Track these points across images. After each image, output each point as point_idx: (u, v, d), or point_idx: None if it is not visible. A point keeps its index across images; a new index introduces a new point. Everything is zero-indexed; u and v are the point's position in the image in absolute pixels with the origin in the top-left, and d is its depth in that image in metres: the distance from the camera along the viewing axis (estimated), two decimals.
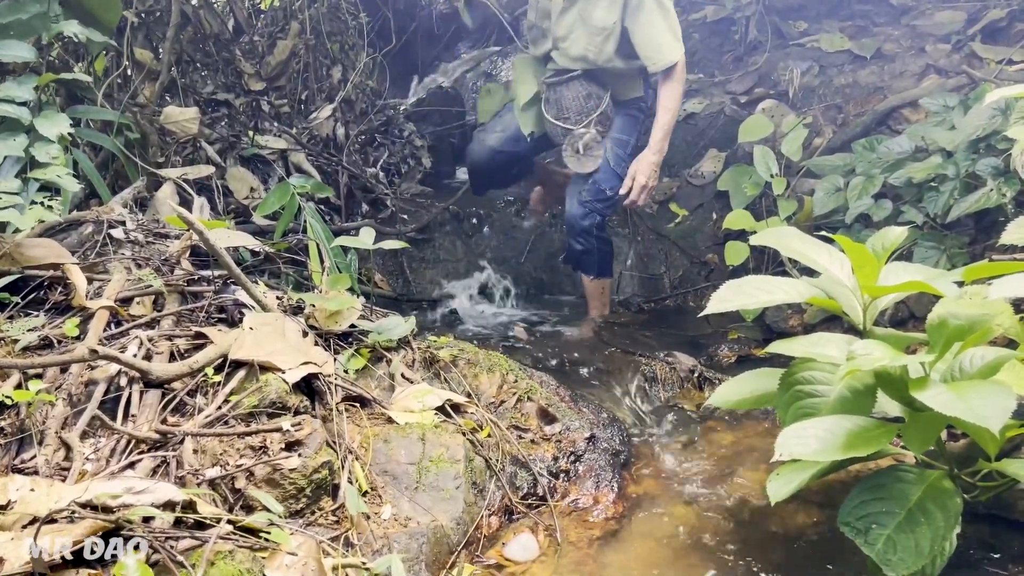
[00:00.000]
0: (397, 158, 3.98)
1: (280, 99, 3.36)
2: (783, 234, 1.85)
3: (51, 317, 1.93)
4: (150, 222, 2.41)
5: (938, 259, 2.42)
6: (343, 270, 2.61)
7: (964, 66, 3.27)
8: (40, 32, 2.09)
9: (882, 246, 1.69)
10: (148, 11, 2.87)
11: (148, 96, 2.72)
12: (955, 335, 1.54)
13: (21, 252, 2.02)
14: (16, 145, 1.99)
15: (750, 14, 4.02)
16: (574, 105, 2.97)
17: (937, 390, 1.38)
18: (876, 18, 3.99)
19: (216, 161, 2.86)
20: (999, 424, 1.25)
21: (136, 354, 1.79)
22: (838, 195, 2.84)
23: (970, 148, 2.43)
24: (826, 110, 3.55)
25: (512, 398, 2.13)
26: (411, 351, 2.18)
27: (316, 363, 1.91)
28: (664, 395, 2.54)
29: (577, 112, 2.98)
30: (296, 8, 3.53)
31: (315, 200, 3.02)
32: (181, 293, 2.12)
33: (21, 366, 1.65)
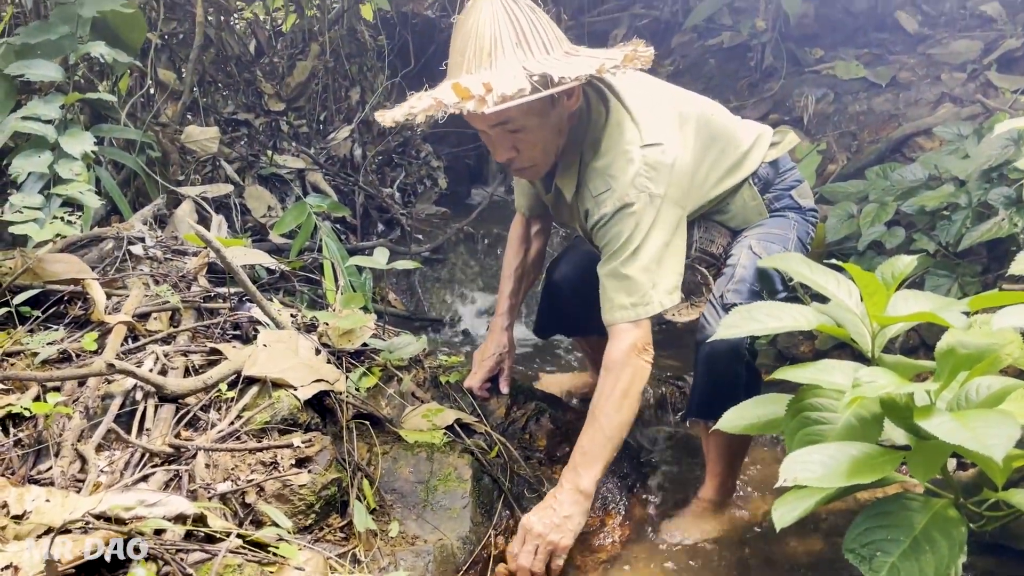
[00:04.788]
0: (414, 178, 4.03)
1: (299, 119, 3.41)
2: (790, 260, 1.86)
3: (70, 331, 1.97)
4: (169, 239, 2.46)
5: (950, 287, 2.42)
6: (357, 289, 2.64)
7: (979, 95, 3.28)
8: (67, 52, 2.15)
9: (892, 275, 1.70)
10: (172, 33, 2.94)
11: (170, 115, 2.78)
12: (962, 364, 1.54)
13: (43, 267, 2.07)
14: (41, 162, 2.04)
15: (766, 41, 4.04)
16: None
17: (942, 418, 1.38)
18: (892, 46, 4.01)
19: (235, 180, 2.91)
20: (1002, 453, 1.25)
21: (152, 369, 1.83)
22: (851, 222, 2.84)
23: (982, 177, 2.44)
24: (840, 137, 3.57)
25: (521, 418, 2.14)
26: (422, 370, 2.21)
27: (328, 381, 1.93)
28: (673, 418, 2.54)
29: None
30: (316, 30, 3.60)
31: (331, 219, 3.06)
32: (197, 309, 2.16)
33: (40, 379, 1.69)
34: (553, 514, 1.75)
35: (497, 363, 2.23)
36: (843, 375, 1.59)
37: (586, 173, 1.87)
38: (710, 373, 1.94)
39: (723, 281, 1.99)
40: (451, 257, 3.54)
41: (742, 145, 2.07)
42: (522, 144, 1.80)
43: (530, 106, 1.70)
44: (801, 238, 2.10)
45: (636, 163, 1.80)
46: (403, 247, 3.42)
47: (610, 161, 1.82)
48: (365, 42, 3.70)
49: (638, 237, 1.80)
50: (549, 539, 1.73)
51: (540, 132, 1.79)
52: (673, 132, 1.89)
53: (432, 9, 4.97)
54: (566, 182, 1.92)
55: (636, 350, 1.83)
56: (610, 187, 1.81)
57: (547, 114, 1.78)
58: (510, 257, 2.37)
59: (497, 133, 1.78)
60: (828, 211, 3.01)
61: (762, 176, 2.09)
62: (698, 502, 2.09)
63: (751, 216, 2.10)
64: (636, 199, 1.79)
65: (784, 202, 2.11)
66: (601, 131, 1.85)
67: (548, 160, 1.87)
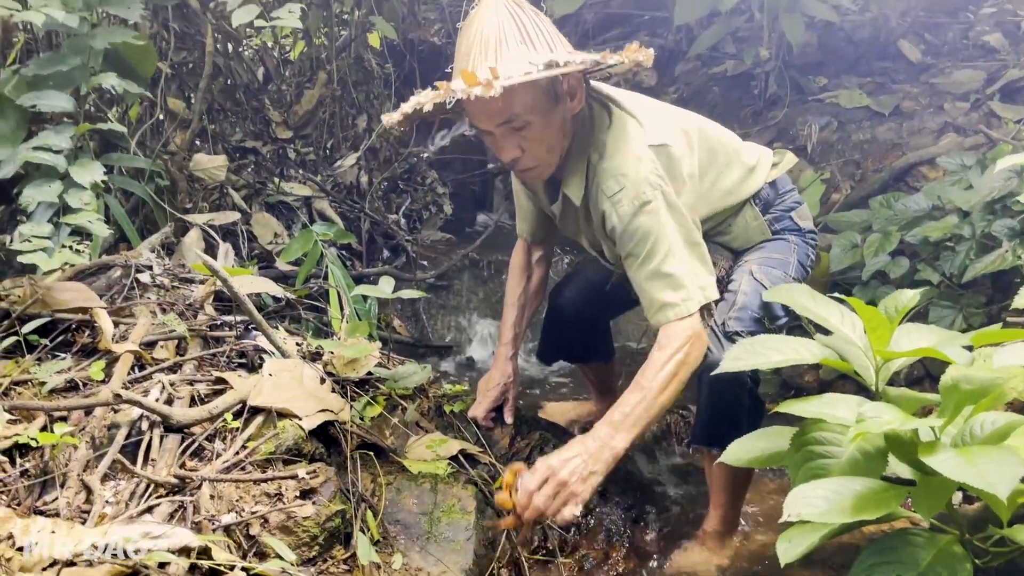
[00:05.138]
0: (419, 205, 4.05)
1: (306, 147, 3.44)
2: (794, 292, 1.87)
3: (78, 359, 1.99)
4: (176, 267, 2.48)
5: (954, 319, 2.42)
6: (362, 317, 2.65)
7: (982, 126, 3.30)
8: (79, 83, 2.18)
9: (895, 309, 1.70)
10: (182, 62, 2.97)
11: (179, 144, 2.81)
12: (966, 399, 1.54)
13: (52, 295, 2.08)
14: (51, 191, 2.06)
15: (769, 69, 4.07)
16: None
17: (946, 455, 1.38)
18: (895, 75, 4.03)
19: (242, 207, 2.93)
20: (1007, 491, 1.25)
21: (158, 398, 1.84)
22: (855, 251, 2.85)
23: (986, 209, 2.45)
24: (844, 165, 3.59)
25: (525, 448, 2.14)
26: (426, 399, 2.21)
27: (332, 410, 1.94)
28: (678, 448, 2.54)
29: None
30: (324, 58, 3.64)
31: (337, 246, 3.08)
32: (203, 338, 2.17)
33: (47, 408, 1.70)
34: (582, 465, 1.70)
35: (501, 393, 2.23)
36: (847, 409, 1.60)
37: (595, 175, 1.87)
38: (713, 401, 1.94)
39: (724, 308, 1.98)
40: (456, 284, 3.55)
41: (745, 163, 2.08)
42: (527, 143, 1.80)
43: (535, 102, 1.74)
44: (801, 261, 2.11)
45: (646, 161, 1.82)
46: (408, 273, 3.44)
47: (620, 162, 1.83)
48: (372, 70, 3.74)
49: (667, 233, 1.80)
50: (572, 488, 1.68)
51: (545, 130, 1.80)
52: (678, 137, 1.92)
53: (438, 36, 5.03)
54: (574, 187, 1.92)
55: (695, 335, 1.81)
56: (623, 186, 1.81)
57: (551, 112, 1.79)
58: (512, 285, 2.38)
59: (502, 132, 1.79)
60: (832, 240, 3.02)
61: (763, 197, 2.10)
62: (703, 534, 2.07)
63: (753, 236, 2.10)
64: (652, 196, 1.80)
65: (784, 223, 2.12)
66: (606, 133, 1.87)
67: (553, 160, 1.87)
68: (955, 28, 4.16)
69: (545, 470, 1.69)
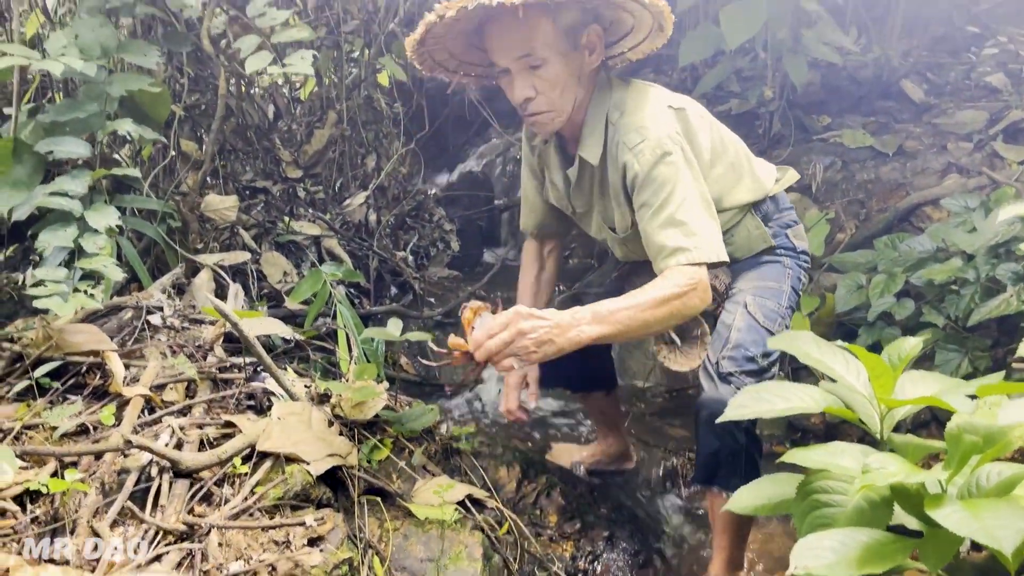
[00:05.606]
0: (426, 241, 4.08)
1: (316, 186, 3.49)
2: (799, 339, 1.88)
3: (88, 402, 2.01)
4: (187, 307, 2.50)
5: (960, 362, 2.43)
6: (370, 357, 2.67)
7: (985, 168, 3.32)
8: (95, 130, 2.22)
9: (899, 356, 1.72)
10: (194, 104, 3.02)
11: (191, 184, 2.85)
12: (972, 449, 1.55)
13: (64, 338, 2.11)
14: (66, 236, 2.09)
15: (773, 109, 4.11)
16: None
17: (952, 508, 1.39)
18: (898, 115, 4.07)
19: (252, 247, 2.96)
20: (1012, 546, 1.25)
21: (168, 443, 1.85)
22: (860, 292, 2.87)
23: (990, 253, 2.47)
24: (848, 205, 3.61)
25: (532, 493, 2.15)
26: (433, 443, 2.22)
27: (340, 454, 1.95)
28: (686, 491, 2.53)
29: None
30: (334, 97, 3.69)
31: (345, 284, 3.11)
32: (213, 380, 2.19)
33: (58, 454, 1.72)
34: (546, 330, 1.66)
35: (522, 379, 2.27)
36: (852, 459, 1.60)
37: (615, 132, 1.89)
38: (709, 440, 1.94)
39: (717, 345, 1.99)
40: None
41: (752, 168, 2.11)
42: (541, 83, 1.82)
43: (554, 40, 1.78)
44: (794, 287, 2.13)
45: (667, 118, 1.86)
46: (415, 311, 3.46)
47: (641, 117, 1.86)
48: (381, 110, 3.79)
49: (684, 185, 1.82)
50: (526, 344, 1.65)
51: (560, 72, 1.83)
52: (696, 108, 1.98)
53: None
54: (591, 147, 1.93)
55: (701, 284, 1.79)
56: (645, 138, 1.83)
57: (568, 57, 1.83)
58: (525, 276, 2.41)
59: (518, 68, 1.81)
60: (837, 280, 3.04)
61: (763, 209, 2.12)
62: None
63: (755, 244, 2.12)
64: (673, 150, 1.82)
65: (780, 240, 2.14)
66: (625, 92, 1.92)
67: (564, 108, 1.88)
68: (957, 68, 4.21)
69: (512, 317, 1.66)
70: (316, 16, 3.57)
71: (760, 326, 1.99)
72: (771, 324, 2.01)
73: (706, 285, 1.81)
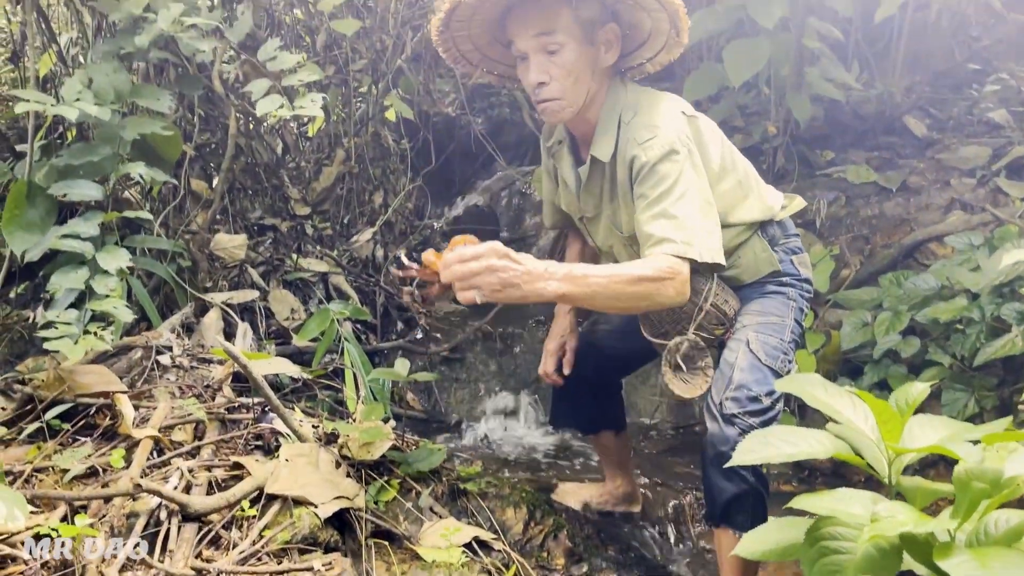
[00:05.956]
0: None
1: (324, 222, 3.52)
2: (806, 381, 1.88)
3: (98, 444, 2.02)
4: (195, 347, 2.52)
5: (967, 402, 2.43)
6: (377, 395, 2.68)
7: (988, 204, 3.34)
8: (109, 172, 2.26)
9: (905, 402, 1.72)
10: (204, 143, 3.06)
11: (200, 223, 2.88)
12: (980, 495, 1.55)
13: (74, 378, 2.13)
14: (78, 278, 2.12)
15: (777, 144, 4.14)
16: (665, 315, 2.06)
17: (960, 558, 1.39)
18: (901, 150, 4.10)
19: (260, 285, 2.99)
20: None
21: (177, 486, 1.86)
22: (865, 330, 2.87)
23: (994, 292, 2.48)
24: (853, 240, 3.63)
25: (539, 535, 2.14)
26: (440, 483, 2.22)
27: (348, 496, 1.96)
28: (694, 530, 2.52)
29: (673, 321, 2.07)
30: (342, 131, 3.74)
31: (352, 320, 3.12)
32: (221, 420, 2.20)
33: (68, 498, 1.73)
34: (516, 274, 1.64)
35: (560, 346, 2.32)
36: (861, 506, 1.60)
37: (626, 130, 1.93)
38: (716, 480, 1.94)
39: (720, 385, 1.98)
40: (469, 356, 3.57)
41: (759, 189, 2.13)
42: (556, 69, 1.88)
43: (573, 27, 1.85)
44: (798, 319, 2.12)
45: (679, 122, 1.90)
46: (421, 347, 3.47)
47: (653, 116, 1.90)
48: (388, 146, 3.83)
49: (685, 183, 1.83)
50: (492, 281, 1.62)
51: (575, 61, 1.88)
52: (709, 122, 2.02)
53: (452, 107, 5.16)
54: (603, 145, 1.96)
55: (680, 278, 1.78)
56: (655, 135, 1.86)
57: (584, 47, 1.88)
58: (571, 248, 2.48)
59: (535, 49, 1.87)
60: (843, 317, 3.04)
61: (769, 232, 2.13)
62: None
63: (762, 267, 2.11)
64: (681, 149, 1.85)
65: (785, 266, 2.14)
66: (639, 95, 1.97)
67: (576, 99, 1.93)
68: (960, 104, 4.24)
69: (487, 251, 1.63)
70: (325, 55, 3.62)
71: (763, 364, 1.98)
72: (773, 361, 1.99)
73: (685, 280, 1.79)
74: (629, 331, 2.25)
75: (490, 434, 3.25)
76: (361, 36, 3.58)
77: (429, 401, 3.40)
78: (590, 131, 2.00)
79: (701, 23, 3.71)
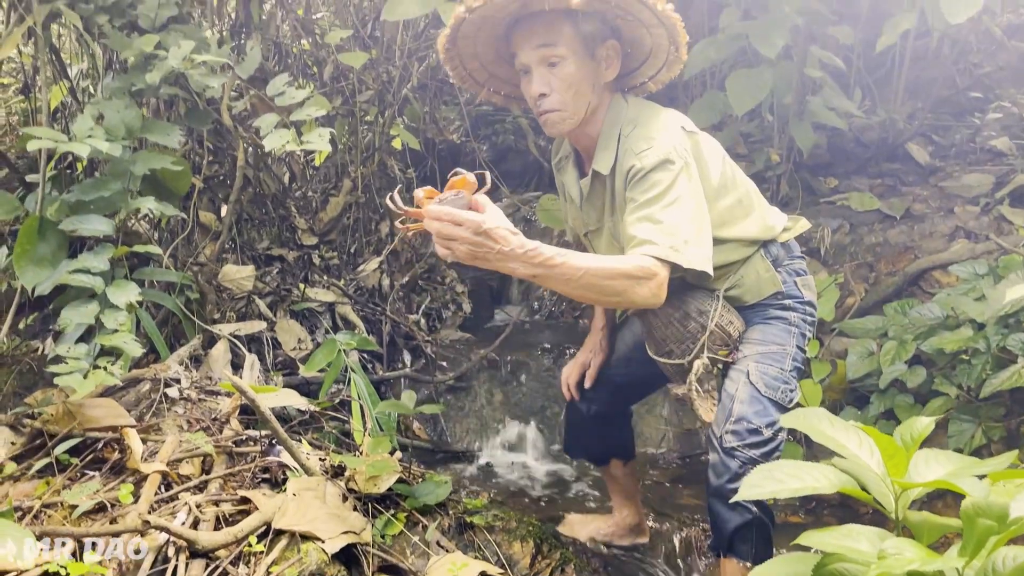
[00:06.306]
0: (438, 303, 4.12)
1: (330, 252, 3.54)
2: (812, 416, 1.88)
3: (107, 478, 2.03)
4: (203, 379, 2.54)
5: (973, 433, 2.43)
6: (383, 426, 2.68)
7: (992, 233, 3.35)
8: (119, 207, 2.28)
9: (911, 436, 1.73)
10: (212, 175, 3.10)
11: (208, 255, 2.90)
12: (987, 532, 1.55)
13: (83, 412, 2.15)
14: (88, 312, 2.14)
15: (781, 172, 4.16)
16: (670, 334, 2.10)
17: None
18: (904, 177, 4.11)
19: (267, 316, 3.00)
20: None
21: (184, 521, 1.87)
22: (871, 359, 2.87)
23: (1000, 322, 2.48)
24: (857, 268, 3.64)
25: (546, 569, 2.14)
26: (447, 516, 2.22)
27: (355, 531, 1.96)
28: (702, 564, 2.51)
29: (678, 341, 2.10)
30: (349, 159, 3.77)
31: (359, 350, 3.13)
32: (229, 453, 2.21)
33: (76, 535, 1.73)
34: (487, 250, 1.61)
35: (588, 359, 2.40)
36: (868, 542, 1.60)
37: (625, 142, 1.95)
38: (720, 510, 1.96)
39: (721, 417, 2.00)
40: (475, 385, 3.58)
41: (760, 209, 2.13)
42: (556, 81, 1.93)
43: (574, 41, 1.90)
44: (800, 345, 2.12)
45: (677, 135, 1.91)
46: (427, 376, 3.48)
47: (652, 129, 1.92)
48: (395, 176, 3.87)
49: (676, 191, 1.84)
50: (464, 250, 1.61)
51: (575, 74, 1.92)
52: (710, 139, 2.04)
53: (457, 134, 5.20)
54: (603, 159, 2.00)
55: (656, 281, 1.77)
56: (652, 145, 1.88)
57: (585, 61, 1.93)
58: None
59: (538, 61, 1.92)
60: (848, 346, 3.05)
61: (773, 252, 2.13)
62: None
63: (765, 288, 2.11)
64: (676, 159, 1.86)
65: (789, 287, 2.14)
66: (640, 109, 2.00)
67: (576, 112, 1.96)
68: (962, 131, 4.26)
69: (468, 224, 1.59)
70: (332, 86, 3.66)
71: (762, 395, 1.99)
72: (773, 392, 2.01)
73: (661, 283, 1.79)
74: (636, 358, 2.28)
75: (496, 464, 3.24)
76: (368, 67, 3.62)
77: (435, 430, 3.40)
78: (592, 145, 2.04)
79: (704, 52, 3.74)
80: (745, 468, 1.91)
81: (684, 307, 2.08)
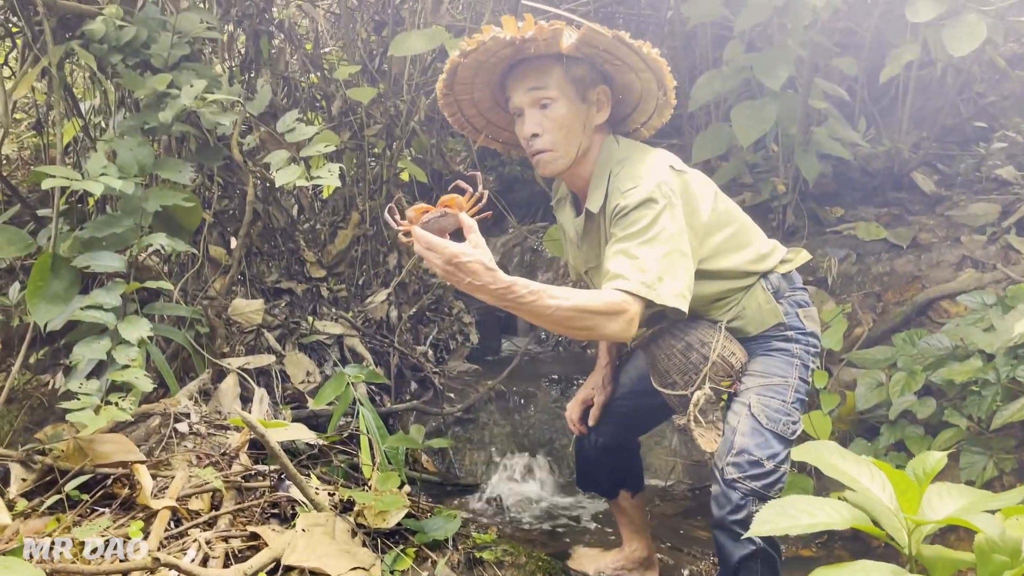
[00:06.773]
0: (446, 334, 4.12)
1: (339, 284, 3.56)
2: (824, 449, 1.88)
3: (117, 514, 2.03)
4: (213, 414, 2.54)
5: (985, 464, 2.41)
6: (392, 460, 2.68)
7: (999, 262, 3.35)
8: (131, 243, 2.30)
9: (923, 471, 1.72)
10: (222, 210, 3.13)
11: (218, 288, 2.92)
12: (1001, 568, 1.54)
13: (93, 447, 2.15)
14: (100, 348, 2.15)
15: (787, 202, 4.17)
16: (673, 365, 2.11)
17: None
18: (910, 206, 4.12)
19: (276, 349, 3.01)
20: None
21: (194, 558, 1.86)
22: (880, 390, 2.87)
23: (1009, 353, 2.47)
24: (865, 298, 3.63)
25: None
26: (456, 552, 2.21)
27: (364, 567, 1.96)
28: None
29: (680, 372, 2.11)
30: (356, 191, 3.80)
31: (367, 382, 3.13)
32: (238, 488, 2.21)
33: (87, 572, 1.73)
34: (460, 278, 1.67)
35: (589, 396, 2.43)
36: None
37: (614, 181, 1.99)
38: (724, 541, 1.98)
39: (723, 449, 2.02)
40: (482, 416, 3.57)
41: (756, 244, 2.14)
42: (548, 122, 1.98)
43: (565, 84, 1.96)
44: (803, 377, 2.13)
45: (664, 175, 1.94)
46: (435, 407, 3.48)
47: (639, 168, 1.96)
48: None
49: (656, 229, 1.87)
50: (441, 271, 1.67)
51: (566, 115, 1.97)
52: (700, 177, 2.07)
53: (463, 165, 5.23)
54: (595, 199, 2.03)
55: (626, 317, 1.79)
56: (637, 184, 1.92)
57: (576, 104, 1.98)
58: None
59: (530, 103, 1.97)
60: (857, 376, 3.04)
61: (773, 283, 2.13)
62: None
63: (767, 319, 2.12)
64: (660, 199, 1.89)
65: (791, 319, 2.15)
66: (631, 151, 2.04)
67: (568, 152, 2.01)
68: (967, 160, 4.27)
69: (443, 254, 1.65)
70: (340, 120, 3.70)
71: (764, 428, 2.01)
72: (775, 425, 2.02)
73: (632, 318, 1.80)
74: (641, 389, 2.29)
75: (505, 497, 3.23)
76: (376, 101, 3.66)
77: (443, 463, 3.39)
78: (586, 185, 2.08)
79: (709, 84, 3.79)
80: (746, 500, 1.94)
81: (686, 338, 2.10)
